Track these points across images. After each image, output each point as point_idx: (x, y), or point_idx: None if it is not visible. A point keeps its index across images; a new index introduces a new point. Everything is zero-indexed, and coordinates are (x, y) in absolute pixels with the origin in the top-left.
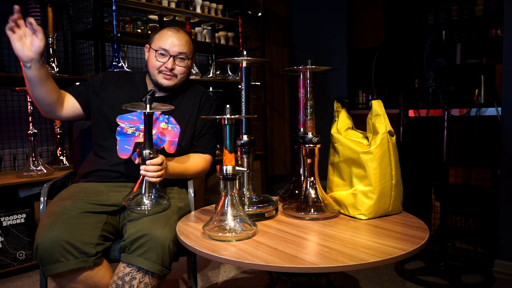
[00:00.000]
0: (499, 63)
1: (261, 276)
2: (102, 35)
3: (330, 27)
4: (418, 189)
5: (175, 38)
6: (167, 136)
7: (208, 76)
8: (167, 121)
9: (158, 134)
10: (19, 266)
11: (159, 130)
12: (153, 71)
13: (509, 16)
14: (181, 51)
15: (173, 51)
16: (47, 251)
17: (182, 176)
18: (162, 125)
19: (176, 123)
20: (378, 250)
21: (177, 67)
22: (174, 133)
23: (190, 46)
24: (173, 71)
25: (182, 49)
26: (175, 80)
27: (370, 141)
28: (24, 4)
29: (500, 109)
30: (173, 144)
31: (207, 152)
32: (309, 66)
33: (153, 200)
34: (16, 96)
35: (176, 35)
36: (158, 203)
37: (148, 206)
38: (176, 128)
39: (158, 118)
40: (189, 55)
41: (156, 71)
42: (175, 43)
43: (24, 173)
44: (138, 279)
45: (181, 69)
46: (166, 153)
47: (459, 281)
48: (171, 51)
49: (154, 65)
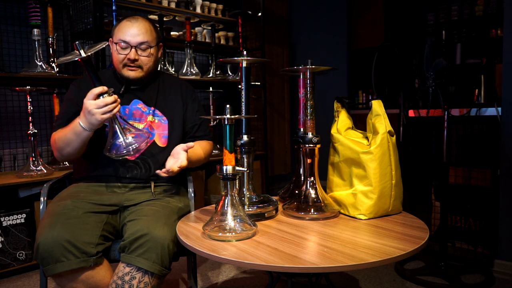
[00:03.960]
0: (499, 63)
1: (261, 276)
2: (102, 35)
3: (330, 27)
4: (418, 189)
5: (134, 28)
6: (155, 129)
7: (208, 76)
8: (153, 114)
9: (148, 128)
10: (19, 266)
11: (148, 123)
12: (117, 65)
13: (509, 16)
14: (142, 40)
15: (134, 41)
16: (48, 251)
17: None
18: (149, 118)
19: (162, 115)
20: (378, 250)
21: (141, 58)
22: (162, 126)
23: (152, 34)
24: (136, 62)
25: (142, 38)
26: (141, 71)
27: (370, 141)
28: (24, 4)
29: (500, 109)
30: (164, 137)
31: (208, 138)
32: (309, 66)
33: (131, 136)
34: (16, 96)
35: (135, 25)
36: (136, 135)
37: (132, 143)
38: (163, 120)
39: (144, 112)
40: (151, 43)
41: (121, 65)
42: (135, 33)
43: (24, 173)
44: (137, 278)
45: (145, 59)
46: (158, 146)
47: (459, 281)
48: (131, 42)
49: (117, 58)
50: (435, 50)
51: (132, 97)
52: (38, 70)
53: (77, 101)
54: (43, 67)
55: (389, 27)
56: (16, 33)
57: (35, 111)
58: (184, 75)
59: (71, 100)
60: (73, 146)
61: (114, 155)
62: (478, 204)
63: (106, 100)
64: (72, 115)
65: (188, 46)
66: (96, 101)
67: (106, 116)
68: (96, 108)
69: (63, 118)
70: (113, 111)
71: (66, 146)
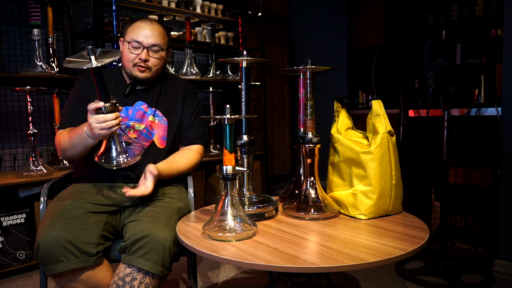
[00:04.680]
0: (499, 63)
1: (261, 276)
2: (102, 35)
3: (330, 27)
4: (418, 189)
5: (148, 30)
6: (155, 129)
7: (208, 76)
8: (153, 114)
9: (148, 127)
10: (19, 266)
11: (148, 123)
12: (127, 64)
13: (509, 16)
14: (154, 42)
15: (147, 42)
16: (48, 251)
17: (176, 175)
18: (150, 118)
19: (163, 115)
20: (378, 250)
21: (151, 59)
22: (162, 126)
23: (164, 38)
24: (147, 63)
25: (155, 41)
26: (149, 72)
27: (370, 141)
28: (24, 4)
29: (500, 109)
30: (163, 139)
31: (197, 142)
32: (309, 66)
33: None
34: (16, 96)
35: (149, 27)
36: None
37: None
38: (163, 121)
39: (146, 112)
40: (163, 46)
41: (131, 64)
42: (148, 34)
43: (24, 173)
44: (138, 279)
45: (155, 61)
46: (157, 147)
47: (459, 281)
48: (144, 43)
49: (128, 58)
50: (435, 50)
51: (136, 98)
52: (38, 70)
53: (83, 97)
54: (43, 67)
55: (389, 27)
56: (16, 33)
57: (35, 111)
58: (184, 75)
59: (76, 96)
60: (78, 149)
61: (104, 164)
62: (478, 204)
63: (106, 116)
64: (77, 113)
65: (188, 46)
66: (97, 116)
67: (104, 132)
68: (96, 122)
69: (68, 116)
70: (112, 129)
71: (71, 149)
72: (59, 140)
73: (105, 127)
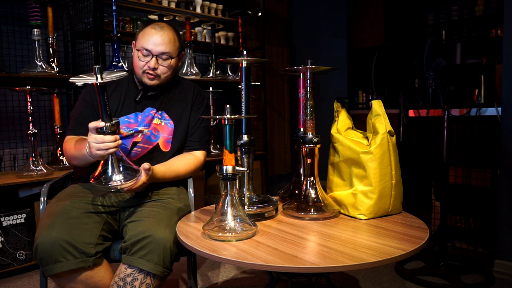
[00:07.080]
0: (499, 63)
1: (261, 276)
2: (102, 35)
3: (330, 27)
4: (418, 189)
5: (157, 37)
6: (161, 132)
7: (208, 76)
8: (160, 117)
9: (152, 130)
10: (19, 266)
11: (152, 126)
12: (137, 70)
13: (509, 16)
14: (163, 50)
15: (156, 50)
16: (47, 251)
17: (173, 179)
18: (155, 121)
19: (169, 118)
20: (378, 250)
21: (160, 67)
22: (168, 130)
23: (174, 44)
24: (155, 71)
25: (164, 49)
26: (158, 80)
27: (370, 141)
28: (24, 4)
29: (500, 109)
30: (167, 142)
31: (200, 148)
32: (309, 66)
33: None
34: (16, 96)
35: (159, 34)
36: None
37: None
38: (170, 124)
39: (154, 117)
40: (172, 54)
41: (140, 71)
42: (158, 42)
43: (24, 173)
44: (139, 280)
45: (164, 69)
46: (160, 150)
47: (459, 281)
48: (153, 51)
49: (137, 65)
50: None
51: (146, 104)
52: (38, 70)
53: (92, 102)
54: (43, 67)
55: (389, 27)
56: (16, 33)
57: (35, 111)
58: (184, 75)
59: (86, 101)
60: (80, 162)
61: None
62: (478, 204)
63: (105, 138)
64: (85, 118)
65: (188, 46)
66: (96, 136)
67: (100, 153)
68: (94, 142)
69: (77, 120)
70: (109, 151)
71: (74, 159)
72: (66, 148)
73: (102, 148)
